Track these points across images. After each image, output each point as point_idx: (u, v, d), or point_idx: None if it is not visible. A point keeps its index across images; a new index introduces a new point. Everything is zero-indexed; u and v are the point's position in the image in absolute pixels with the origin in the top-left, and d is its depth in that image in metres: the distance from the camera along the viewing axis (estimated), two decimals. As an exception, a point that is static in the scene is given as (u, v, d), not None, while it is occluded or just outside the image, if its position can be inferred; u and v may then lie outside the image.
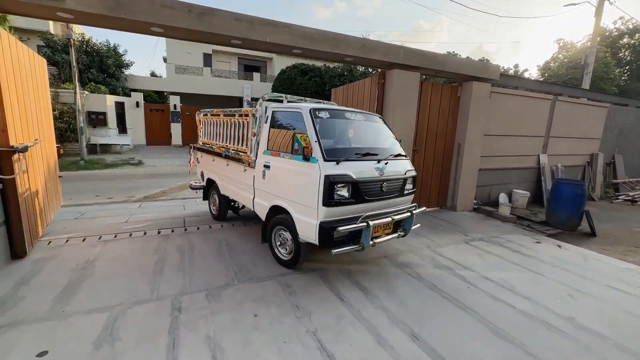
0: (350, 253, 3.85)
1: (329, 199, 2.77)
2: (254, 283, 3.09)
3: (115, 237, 4.14)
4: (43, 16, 3.22)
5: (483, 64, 5.72)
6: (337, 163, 2.86)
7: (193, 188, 5.49)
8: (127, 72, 20.10)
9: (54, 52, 16.65)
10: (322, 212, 2.82)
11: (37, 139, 4.02)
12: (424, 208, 3.96)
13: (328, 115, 3.22)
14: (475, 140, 6.16)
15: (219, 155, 4.56)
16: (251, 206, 3.88)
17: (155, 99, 20.57)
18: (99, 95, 15.38)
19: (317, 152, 2.87)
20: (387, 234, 3.30)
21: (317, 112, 3.12)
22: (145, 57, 60.89)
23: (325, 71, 19.11)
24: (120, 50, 19.18)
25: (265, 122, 3.56)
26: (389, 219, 3.14)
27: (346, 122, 3.56)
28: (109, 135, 15.48)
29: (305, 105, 3.22)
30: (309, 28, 4.20)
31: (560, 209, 5.59)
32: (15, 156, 3.17)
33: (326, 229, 2.79)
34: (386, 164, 3.20)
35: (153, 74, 29.52)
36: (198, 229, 4.61)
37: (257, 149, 3.65)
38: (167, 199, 7.69)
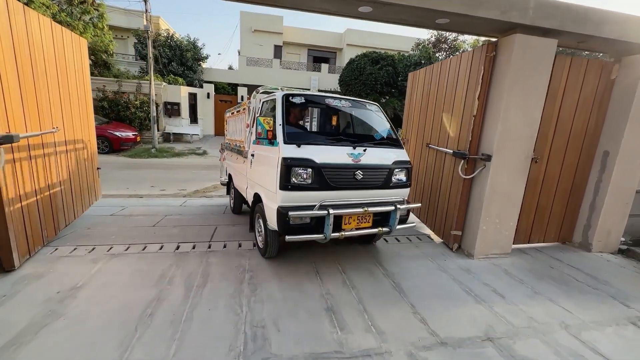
0: (430, 326, 2.46)
1: (285, 182, 2.68)
2: (268, 372, 1.91)
3: (127, 249, 3.43)
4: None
5: (671, 24, 3.51)
6: (299, 146, 2.76)
7: (222, 184, 5.80)
8: (204, 65, 21.06)
9: (144, 47, 18.13)
10: (279, 197, 2.73)
11: (55, 127, 3.49)
12: (419, 204, 3.54)
13: (303, 101, 3.20)
14: (637, 148, 3.98)
15: (232, 150, 4.74)
16: (245, 196, 4.00)
17: (228, 91, 21.21)
18: (174, 87, 16.17)
19: (279, 135, 2.83)
20: (364, 228, 3.04)
21: (290, 98, 3.11)
22: (222, 50, 65.42)
23: (399, 60, 17.10)
24: (199, 44, 20.11)
25: (257, 114, 3.59)
26: (361, 210, 2.88)
27: (327, 109, 3.47)
28: (182, 124, 16.22)
29: (280, 92, 3.19)
30: (385, -28, 2.79)
31: None
32: (-2, 149, 2.53)
33: (283, 214, 2.66)
34: (364, 150, 2.97)
35: (230, 67, 30.97)
36: (225, 246, 3.66)
37: (250, 139, 3.68)
38: (215, 194, 7.16)
